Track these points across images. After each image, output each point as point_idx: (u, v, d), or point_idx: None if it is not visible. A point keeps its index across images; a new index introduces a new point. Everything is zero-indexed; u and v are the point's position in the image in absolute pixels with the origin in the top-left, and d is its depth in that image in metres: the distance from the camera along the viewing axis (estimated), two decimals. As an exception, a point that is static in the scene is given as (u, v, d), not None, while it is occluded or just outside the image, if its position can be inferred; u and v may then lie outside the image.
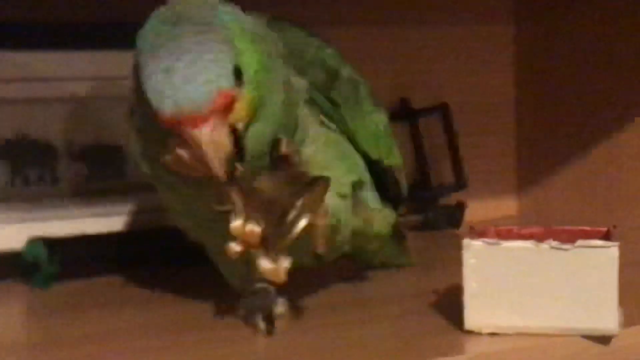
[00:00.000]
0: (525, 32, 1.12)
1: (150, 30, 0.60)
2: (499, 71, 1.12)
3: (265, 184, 0.61)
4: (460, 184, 1.05)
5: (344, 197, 0.70)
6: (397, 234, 0.80)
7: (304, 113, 0.67)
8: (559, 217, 1.07)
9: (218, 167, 0.59)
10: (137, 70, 0.61)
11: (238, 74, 0.60)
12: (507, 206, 1.12)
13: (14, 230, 0.84)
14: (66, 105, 0.88)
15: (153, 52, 0.59)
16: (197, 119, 0.58)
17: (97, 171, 0.90)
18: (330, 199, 0.65)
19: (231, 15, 0.62)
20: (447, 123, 1.05)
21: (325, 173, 0.66)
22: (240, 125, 0.61)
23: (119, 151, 0.90)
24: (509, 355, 0.62)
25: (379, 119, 0.75)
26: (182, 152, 0.60)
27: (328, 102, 0.70)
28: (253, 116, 0.62)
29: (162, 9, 0.62)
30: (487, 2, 1.11)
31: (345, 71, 0.72)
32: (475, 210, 1.06)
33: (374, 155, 0.74)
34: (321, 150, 0.69)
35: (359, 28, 1.03)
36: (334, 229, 0.69)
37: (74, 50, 0.88)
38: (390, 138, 0.77)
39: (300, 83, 0.67)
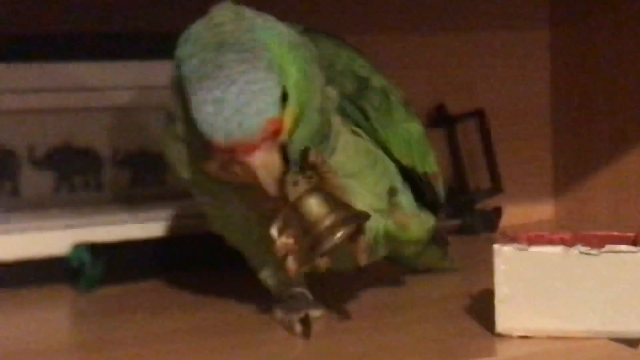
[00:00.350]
0: (560, 37, 1.12)
1: (194, 56, 0.62)
2: (535, 76, 1.13)
3: (311, 203, 0.64)
4: (496, 188, 1.06)
5: (380, 211, 0.72)
6: (437, 239, 0.82)
7: (335, 122, 0.69)
8: (596, 221, 1.08)
9: (272, 188, 0.62)
10: (180, 86, 0.63)
11: (285, 95, 0.62)
12: (543, 210, 1.13)
13: (60, 236, 0.86)
14: (111, 114, 0.90)
15: (200, 81, 0.61)
16: (249, 147, 0.61)
17: (139, 178, 0.92)
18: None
19: (268, 31, 0.64)
20: (484, 128, 1.07)
21: (356, 182, 0.68)
22: (286, 140, 0.63)
23: (161, 159, 0.92)
24: (539, 357, 0.63)
25: (412, 127, 0.76)
26: (237, 169, 0.63)
27: (358, 111, 0.71)
28: (296, 126, 0.64)
29: (200, 27, 0.64)
30: (523, 8, 1.12)
31: (376, 80, 0.73)
32: (513, 215, 1.07)
33: (407, 162, 0.75)
34: (352, 159, 0.70)
35: (395, 35, 1.04)
36: (371, 242, 0.70)
37: (118, 60, 0.90)
38: (424, 145, 0.78)
39: (331, 92, 0.69)
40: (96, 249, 0.85)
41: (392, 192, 0.73)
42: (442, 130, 1.07)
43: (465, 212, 1.05)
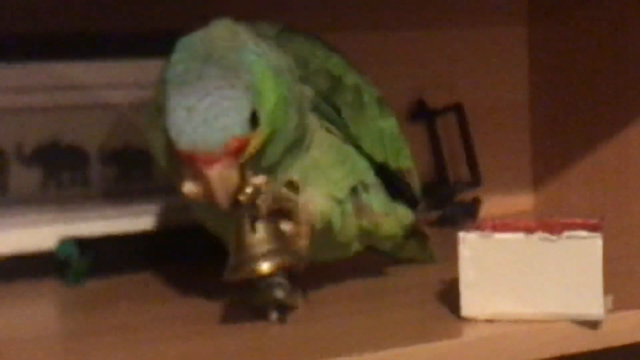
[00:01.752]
0: (538, 33, 1.14)
1: (181, 63, 0.66)
2: (514, 71, 1.14)
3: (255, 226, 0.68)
4: (475, 180, 1.08)
5: (339, 202, 0.74)
6: (415, 233, 0.84)
7: (310, 120, 0.71)
8: (575, 211, 1.09)
9: (224, 201, 0.65)
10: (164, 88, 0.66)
11: (255, 117, 0.65)
12: (523, 202, 1.15)
13: (47, 231, 0.88)
14: (97, 111, 0.92)
15: (179, 87, 0.64)
16: (210, 159, 0.64)
17: (126, 174, 0.93)
18: (323, 202, 0.70)
19: (256, 55, 0.66)
20: (462, 122, 1.09)
21: (325, 175, 0.70)
22: (249, 159, 0.66)
23: (147, 155, 0.94)
24: (503, 339, 0.65)
25: (386, 123, 0.78)
26: (192, 185, 0.66)
27: (332, 109, 0.74)
28: (266, 146, 0.67)
29: (196, 37, 0.67)
30: (501, 3, 1.13)
31: (350, 79, 0.76)
32: (492, 206, 1.09)
33: (379, 158, 0.77)
34: (325, 154, 0.72)
35: (375, 32, 1.06)
36: (325, 230, 0.73)
37: (105, 59, 0.92)
38: (398, 141, 0.80)
39: (306, 91, 0.71)
40: (83, 243, 0.87)
41: (363, 188, 0.76)
42: (422, 124, 1.09)
43: (446, 203, 1.07)
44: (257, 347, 0.66)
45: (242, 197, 0.66)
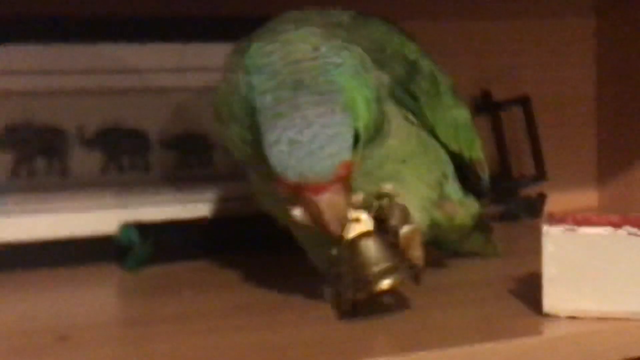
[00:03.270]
0: (606, 25, 1.12)
1: (270, 92, 0.63)
2: (580, 64, 1.13)
3: (368, 245, 0.66)
4: (540, 175, 1.06)
5: (430, 201, 0.73)
6: (480, 225, 0.82)
7: (388, 107, 0.70)
8: (639, 208, 1.07)
9: (336, 227, 0.64)
10: (248, 99, 0.64)
11: (356, 137, 0.64)
12: (587, 197, 1.13)
13: (108, 215, 0.88)
14: (159, 96, 0.91)
15: (275, 119, 0.63)
16: (319, 188, 0.63)
17: (186, 159, 0.93)
18: (417, 214, 0.70)
19: (342, 70, 0.65)
20: (528, 115, 1.07)
21: (409, 169, 0.68)
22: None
23: (207, 140, 0.93)
24: (585, 337, 0.63)
25: (459, 113, 0.77)
26: (299, 212, 0.65)
27: (409, 96, 0.72)
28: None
29: (276, 58, 0.65)
30: (569, -5, 1.12)
31: (426, 65, 0.74)
32: (556, 202, 1.07)
33: (454, 147, 0.76)
34: (404, 143, 0.71)
35: (440, 22, 1.04)
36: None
37: (165, 42, 0.91)
38: (471, 132, 0.78)
39: (383, 77, 0.69)
40: (144, 229, 0.86)
41: (444, 178, 0.74)
42: (487, 117, 1.07)
43: (509, 198, 1.05)
44: (322, 340, 0.64)
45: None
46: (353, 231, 0.65)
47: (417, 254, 0.67)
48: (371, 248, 0.65)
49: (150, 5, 0.92)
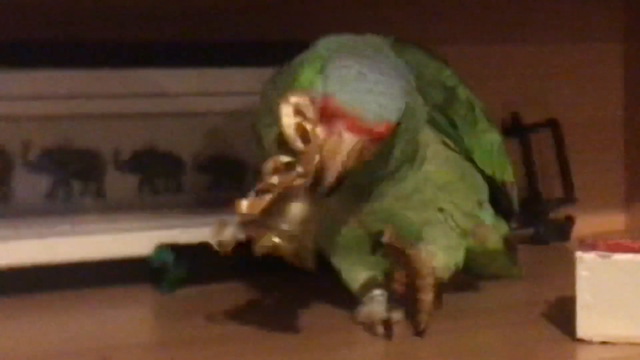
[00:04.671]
0: (634, 49, 1.12)
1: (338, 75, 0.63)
2: (609, 87, 1.13)
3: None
4: (569, 198, 1.07)
5: (466, 231, 0.74)
6: (508, 246, 0.83)
7: (425, 132, 0.70)
8: (667, 232, 1.08)
9: (331, 172, 0.61)
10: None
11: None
12: (615, 220, 1.13)
13: (143, 237, 0.88)
14: (192, 119, 0.92)
15: (342, 53, 0.64)
16: (357, 127, 0.61)
17: (219, 182, 0.93)
18: (445, 257, 0.72)
19: None
20: (557, 138, 1.07)
21: (446, 195, 0.69)
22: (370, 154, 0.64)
23: (240, 163, 0.94)
24: (619, 363, 0.64)
25: (493, 137, 0.77)
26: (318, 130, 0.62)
27: (447, 122, 0.73)
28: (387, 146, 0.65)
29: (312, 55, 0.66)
30: (597, 20, 1.12)
31: (462, 92, 0.75)
32: (584, 224, 1.07)
33: (489, 172, 0.76)
34: (441, 169, 0.72)
35: (470, 46, 1.05)
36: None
37: (200, 68, 0.92)
38: (503, 156, 0.79)
39: (421, 104, 0.70)
40: (178, 250, 0.87)
41: (479, 204, 0.75)
42: (516, 140, 1.08)
43: (538, 221, 1.06)
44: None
45: None
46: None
47: (428, 297, 0.68)
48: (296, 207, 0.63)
49: (185, 31, 0.93)
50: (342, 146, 0.61)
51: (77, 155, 0.88)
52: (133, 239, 0.88)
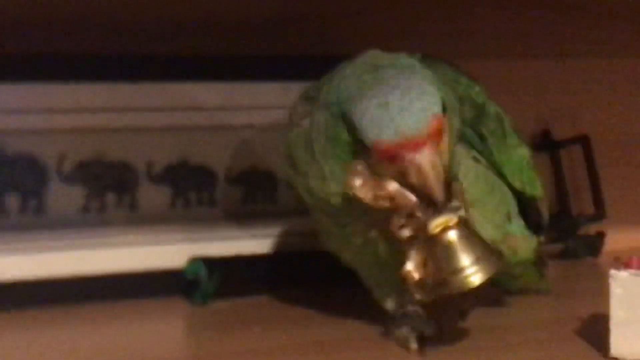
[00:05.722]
0: (666, 65, 1.13)
1: (349, 79, 0.65)
2: (639, 103, 1.13)
3: (453, 240, 0.64)
4: (600, 214, 1.07)
5: (496, 242, 0.73)
6: (538, 260, 0.83)
7: (458, 149, 0.70)
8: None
9: (438, 189, 0.62)
10: (343, 114, 0.65)
11: (443, 105, 0.64)
12: (646, 237, 1.14)
13: (176, 250, 0.89)
14: (224, 133, 0.93)
15: (361, 94, 0.63)
16: (417, 143, 0.62)
17: (251, 195, 0.94)
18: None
19: (420, 68, 0.66)
20: (588, 154, 1.07)
21: (476, 210, 0.69)
22: (445, 160, 0.64)
23: (272, 177, 0.95)
24: (653, 381, 0.64)
25: (523, 152, 0.78)
26: (394, 185, 0.63)
27: (477, 137, 0.73)
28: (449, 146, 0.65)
29: (347, 65, 0.67)
30: (629, 36, 1.12)
31: (492, 107, 0.75)
32: (615, 240, 1.08)
33: (519, 186, 0.77)
34: (472, 185, 0.71)
35: (501, 61, 1.06)
36: None
37: (232, 81, 0.93)
38: (533, 170, 0.79)
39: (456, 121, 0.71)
40: (211, 263, 0.87)
41: (507, 217, 0.75)
42: (546, 155, 1.08)
43: (568, 236, 1.06)
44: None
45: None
46: (437, 225, 0.64)
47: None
48: (457, 241, 0.64)
49: (218, 44, 0.94)
50: (422, 168, 0.62)
51: (110, 167, 0.89)
52: (166, 252, 0.89)
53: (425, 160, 0.62)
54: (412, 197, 0.63)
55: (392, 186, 0.63)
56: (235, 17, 0.93)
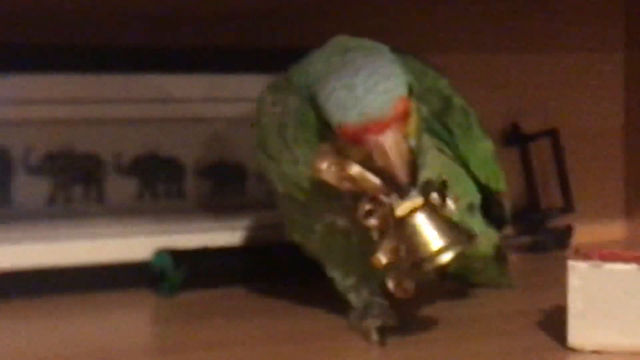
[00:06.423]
0: (634, 59, 1.13)
1: (318, 62, 0.66)
2: (609, 97, 1.14)
3: (421, 222, 0.64)
4: (568, 207, 1.07)
5: None
6: (498, 255, 0.83)
7: (424, 139, 0.71)
8: (667, 242, 1.08)
9: (401, 171, 0.62)
10: (311, 98, 0.65)
11: (409, 87, 0.64)
12: (615, 230, 1.14)
13: (143, 242, 0.89)
14: (193, 125, 0.93)
15: (328, 76, 0.64)
16: (381, 125, 0.62)
17: (220, 187, 0.94)
18: None
19: (389, 52, 0.67)
20: (557, 148, 1.08)
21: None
22: (412, 142, 0.64)
23: (241, 169, 0.95)
24: (610, 372, 0.65)
25: (487, 145, 0.78)
26: (357, 168, 0.63)
27: (443, 129, 0.73)
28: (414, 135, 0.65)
29: (319, 50, 0.67)
30: (597, 30, 1.12)
31: (458, 100, 0.75)
32: (584, 234, 1.08)
33: (483, 179, 0.77)
34: (437, 175, 0.72)
35: (471, 55, 1.06)
36: None
37: (201, 73, 0.92)
38: (496, 164, 0.79)
39: (421, 109, 0.71)
40: (178, 255, 0.87)
41: (469, 209, 0.75)
42: (515, 149, 1.08)
43: (537, 230, 1.06)
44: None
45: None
46: (405, 208, 0.64)
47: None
48: (424, 223, 0.64)
49: (187, 36, 0.94)
50: (386, 150, 0.62)
51: (78, 159, 0.89)
52: (133, 244, 0.89)
53: (389, 141, 0.62)
54: (377, 181, 0.63)
55: (355, 169, 0.63)
56: (206, 10, 0.93)
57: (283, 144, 0.70)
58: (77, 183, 0.89)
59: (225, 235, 0.92)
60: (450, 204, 0.65)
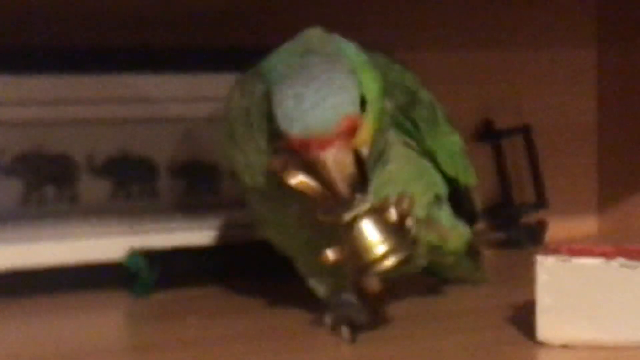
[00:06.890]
0: (607, 55, 1.14)
1: (279, 62, 0.65)
2: (581, 93, 1.14)
3: (366, 227, 0.65)
4: (541, 203, 1.08)
5: (420, 221, 0.73)
6: (471, 250, 0.83)
7: (390, 133, 0.71)
8: (639, 237, 1.09)
9: (341, 186, 0.63)
10: (268, 96, 0.65)
11: (362, 102, 0.64)
12: (588, 226, 1.14)
13: (116, 242, 0.89)
14: (166, 125, 0.93)
15: (284, 80, 0.64)
16: (324, 142, 0.62)
17: (193, 187, 0.94)
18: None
19: (352, 48, 0.67)
20: (530, 144, 1.08)
21: (405, 190, 0.70)
22: (364, 151, 0.65)
23: (214, 169, 0.95)
24: (578, 366, 0.65)
25: (455, 139, 0.78)
26: (304, 177, 0.64)
27: (409, 123, 0.74)
28: (371, 142, 0.66)
29: (287, 44, 0.67)
30: (570, 26, 1.13)
31: (424, 94, 0.76)
32: (557, 229, 1.08)
33: (452, 173, 0.77)
34: (402, 169, 0.72)
35: (443, 52, 1.06)
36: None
37: (174, 73, 0.93)
38: (465, 158, 0.80)
39: (387, 104, 0.71)
40: (151, 255, 0.87)
41: (436, 202, 0.76)
42: (488, 145, 1.09)
43: (510, 225, 1.07)
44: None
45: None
46: (351, 213, 0.64)
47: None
48: (369, 229, 0.64)
49: (159, 36, 0.94)
50: (327, 166, 0.63)
51: (50, 160, 0.89)
52: (106, 244, 0.89)
53: (330, 159, 0.62)
54: (320, 189, 0.64)
55: (294, 180, 0.64)
56: (178, 10, 0.93)
57: (249, 133, 0.70)
58: (49, 184, 0.89)
59: (199, 234, 0.92)
60: (409, 221, 0.66)
